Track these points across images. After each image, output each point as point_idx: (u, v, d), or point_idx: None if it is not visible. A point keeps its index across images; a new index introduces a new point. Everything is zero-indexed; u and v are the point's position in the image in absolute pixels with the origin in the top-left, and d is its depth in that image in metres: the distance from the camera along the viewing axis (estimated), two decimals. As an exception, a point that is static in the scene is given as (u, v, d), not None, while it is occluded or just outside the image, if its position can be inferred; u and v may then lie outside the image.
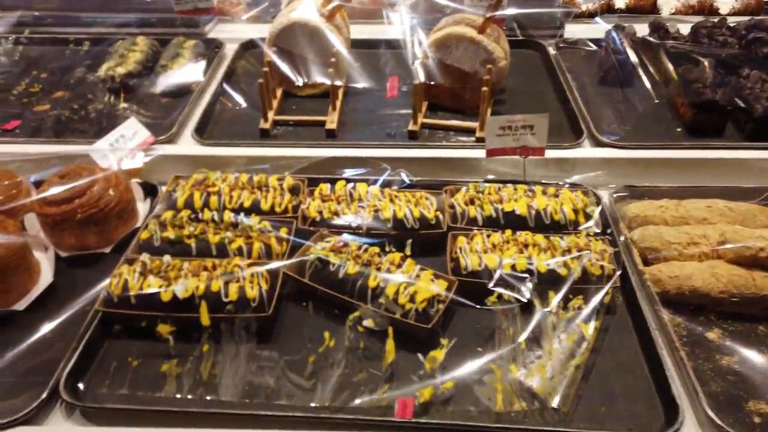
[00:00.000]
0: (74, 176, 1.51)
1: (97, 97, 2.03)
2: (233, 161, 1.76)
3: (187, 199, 1.55)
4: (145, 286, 1.26)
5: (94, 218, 1.48)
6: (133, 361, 1.21)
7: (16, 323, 1.32)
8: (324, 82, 2.01)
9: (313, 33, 1.98)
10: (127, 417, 1.12)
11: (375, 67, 2.25)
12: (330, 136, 1.88)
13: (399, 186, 1.65)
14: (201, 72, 2.16)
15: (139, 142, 1.74)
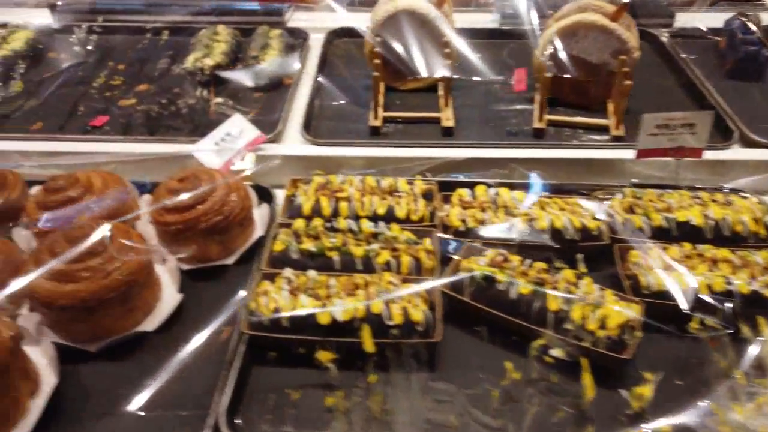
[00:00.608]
0: (193, 180, 1.36)
1: (186, 91, 1.88)
2: (348, 162, 1.61)
3: (314, 205, 1.41)
4: (298, 306, 1.12)
5: (218, 227, 1.33)
6: (292, 393, 1.08)
7: (147, 346, 1.19)
8: (431, 76, 1.85)
9: (422, 21, 1.83)
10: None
11: (483, 58, 2.07)
12: (447, 134, 1.73)
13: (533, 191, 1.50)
14: (292, 64, 2.01)
15: (248, 141, 1.60)
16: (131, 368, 1.14)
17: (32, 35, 2.09)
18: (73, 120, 1.78)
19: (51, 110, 1.81)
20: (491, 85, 1.98)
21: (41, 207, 1.35)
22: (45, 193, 1.37)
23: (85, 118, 1.78)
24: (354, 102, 1.89)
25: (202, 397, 1.07)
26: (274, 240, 1.33)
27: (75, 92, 1.91)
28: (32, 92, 1.89)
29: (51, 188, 1.36)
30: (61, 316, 1.13)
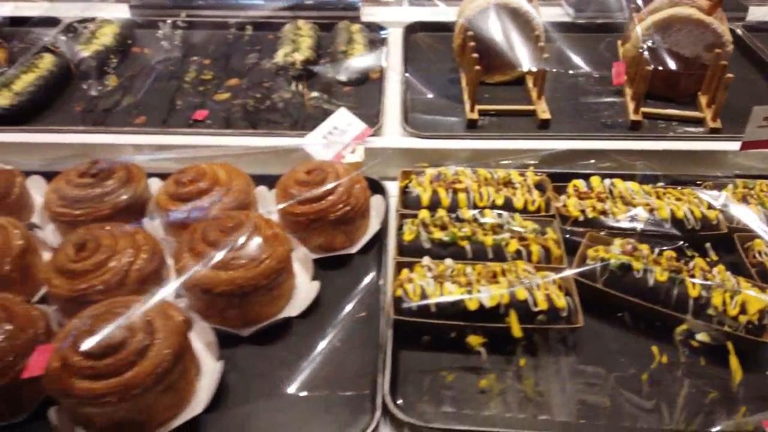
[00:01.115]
0: (320, 172, 1.41)
1: (279, 85, 1.92)
2: (451, 155, 1.65)
3: (432, 197, 1.45)
4: (445, 293, 1.16)
5: (345, 217, 1.38)
6: (446, 375, 1.12)
7: (293, 330, 1.24)
8: (527, 69, 1.88)
9: (515, 15, 1.86)
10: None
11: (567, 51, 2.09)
12: (543, 126, 1.76)
13: (640, 181, 1.54)
14: (378, 58, 2.05)
15: (355, 134, 1.64)
16: (282, 352, 1.20)
17: (119, 30, 2.13)
18: (174, 114, 1.81)
19: (151, 104, 1.85)
20: (577, 78, 2.01)
21: (173, 198, 1.40)
22: (176, 185, 1.41)
23: (185, 112, 1.82)
24: (443, 95, 1.92)
25: (359, 379, 1.13)
26: (401, 230, 1.37)
27: (169, 87, 1.94)
28: (127, 87, 1.93)
29: (181, 180, 1.41)
30: (217, 302, 1.18)
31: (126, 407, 0.97)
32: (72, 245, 1.21)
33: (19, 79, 1.78)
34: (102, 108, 1.83)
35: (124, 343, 0.98)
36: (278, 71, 1.96)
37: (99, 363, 0.96)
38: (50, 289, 1.19)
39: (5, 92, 1.72)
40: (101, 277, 1.18)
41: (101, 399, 0.95)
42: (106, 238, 1.23)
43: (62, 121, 1.77)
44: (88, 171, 1.40)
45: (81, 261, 1.19)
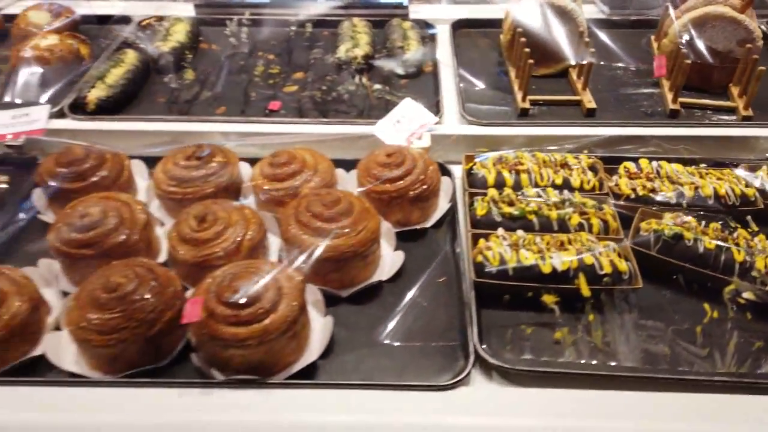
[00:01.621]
0: (399, 155, 1.58)
1: (342, 79, 2.09)
2: (507, 140, 1.81)
3: (497, 177, 1.62)
4: (522, 259, 1.34)
5: (422, 195, 1.55)
6: (525, 328, 1.30)
7: (384, 292, 1.41)
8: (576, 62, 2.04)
9: (561, 12, 2.02)
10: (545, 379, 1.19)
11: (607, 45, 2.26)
12: (590, 115, 1.92)
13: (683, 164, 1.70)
14: (429, 53, 2.21)
15: (421, 122, 1.81)
16: (377, 310, 1.37)
17: (189, 27, 2.30)
18: (250, 105, 1.99)
19: (227, 96, 2.02)
20: (615, 71, 2.17)
21: (270, 179, 1.57)
22: (271, 167, 1.58)
23: (259, 103, 2.00)
24: (493, 87, 2.09)
25: (448, 332, 1.30)
26: (472, 206, 1.54)
27: (241, 80, 2.11)
28: (203, 80, 2.11)
29: (276, 163, 1.58)
30: (321, 267, 1.35)
31: (262, 350, 1.15)
32: (193, 218, 1.39)
33: (110, 73, 1.96)
34: (184, 99, 2.00)
35: (259, 297, 1.16)
36: (341, 65, 2.13)
37: (241, 312, 1.14)
38: (176, 255, 1.37)
39: (101, 85, 1.90)
40: (221, 245, 1.36)
41: (244, 342, 1.13)
42: (221, 212, 1.41)
43: (149, 111, 1.94)
44: (194, 154, 1.57)
45: (202, 231, 1.37)
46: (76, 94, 1.89)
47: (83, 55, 2.14)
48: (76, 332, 1.16)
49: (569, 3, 2.02)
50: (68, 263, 1.37)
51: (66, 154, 1.55)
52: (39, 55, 2.01)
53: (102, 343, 1.15)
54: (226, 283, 1.18)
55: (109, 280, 1.18)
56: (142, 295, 1.18)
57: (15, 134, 1.76)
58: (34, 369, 1.23)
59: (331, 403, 1.16)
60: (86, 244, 1.33)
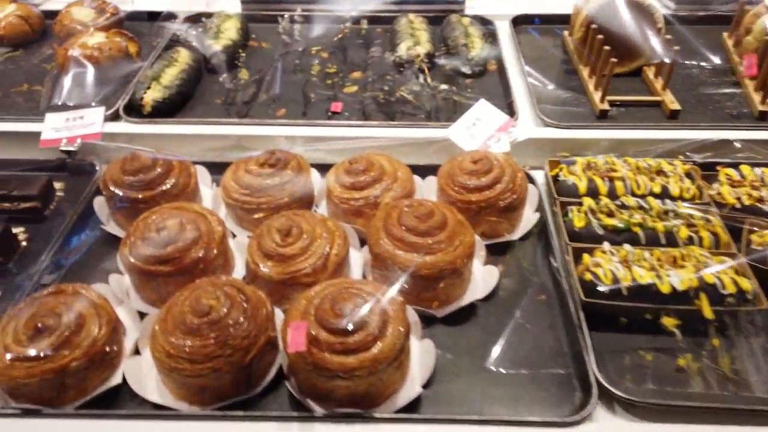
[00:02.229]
0: (486, 162, 1.47)
1: (405, 78, 1.98)
2: (592, 144, 1.70)
3: (588, 185, 1.51)
4: (636, 277, 1.23)
5: (513, 205, 1.44)
6: (645, 354, 1.19)
7: (481, 313, 1.31)
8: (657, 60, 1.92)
9: (638, 8, 1.90)
10: (675, 414, 1.09)
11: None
12: (673, 117, 1.81)
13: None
14: (493, 50, 2.10)
15: (498, 124, 1.70)
16: (475, 332, 1.27)
17: (240, 24, 2.20)
18: (311, 106, 1.88)
19: (286, 97, 1.91)
20: (690, 70, 2.05)
21: (347, 187, 1.47)
22: (348, 174, 1.48)
23: (320, 105, 1.89)
24: (563, 86, 1.97)
25: (559, 358, 1.20)
26: (566, 216, 1.43)
27: (298, 80, 2.01)
28: (259, 80, 2.00)
29: (353, 170, 1.48)
30: (418, 285, 1.25)
31: (369, 380, 1.05)
32: (276, 231, 1.29)
33: (165, 73, 1.85)
34: (241, 101, 1.90)
35: (367, 322, 1.06)
36: (402, 64, 2.02)
37: (348, 339, 1.04)
38: (258, 272, 1.27)
39: (156, 86, 1.80)
40: (308, 260, 1.26)
41: (353, 373, 1.03)
42: (306, 225, 1.31)
43: (206, 113, 1.84)
44: (267, 161, 1.48)
45: (287, 246, 1.27)
46: (131, 96, 1.80)
47: (132, 53, 2.04)
48: (163, 361, 1.06)
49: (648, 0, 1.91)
50: (143, 280, 1.27)
51: (133, 161, 1.45)
52: (88, 54, 1.91)
53: (194, 373, 1.05)
54: (327, 306, 1.08)
55: (199, 303, 1.08)
56: (235, 319, 1.08)
57: (70, 138, 1.66)
58: (114, 397, 1.14)
59: (443, 440, 1.06)
60: (164, 261, 1.24)
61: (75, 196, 1.59)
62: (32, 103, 1.88)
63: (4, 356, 1.06)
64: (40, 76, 2.03)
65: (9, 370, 1.05)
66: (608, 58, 1.78)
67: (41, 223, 1.53)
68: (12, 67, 2.09)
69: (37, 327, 1.07)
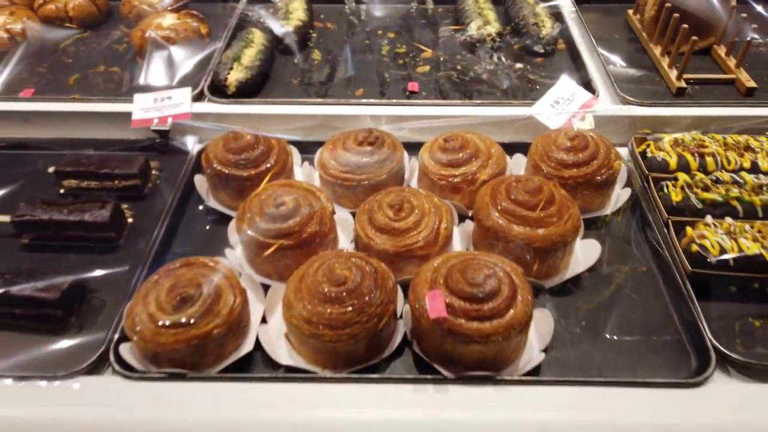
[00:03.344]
0: (582, 139, 1.50)
1: (478, 57, 2.01)
2: (672, 122, 1.72)
3: (679, 161, 1.54)
4: (743, 248, 1.27)
5: (609, 180, 1.48)
6: (754, 321, 1.24)
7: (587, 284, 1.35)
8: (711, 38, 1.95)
9: (712, -14, 1.92)
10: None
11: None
12: (749, 94, 1.83)
13: None
14: (563, 29, 2.12)
15: (581, 102, 1.72)
16: (584, 302, 1.31)
17: (306, 5, 2.21)
18: (388, 86, 1.91)
19: (361, 77, 1.94)
20: (758, 48, 2.07)
21: (443, 165, 1.50)
22: (444, 152, 1.51)
23: (396, 84, 1.92)
24: (635, 65, 1.99)
25: (669, 325, 1.25)
26: (662, 191, 1.47)
27: (370, 60, 2.04)
28: (332, 61, 2.03)
29: (450, 148, 1.51)
30: (527, 256, 1.29)
31: (500, 346, 1.10)
32: (388, 206, 1.33)
33: (244, 54, 1.87)
34: (318, 81, 1.93)
35: (499, 289, 1.10)
36: (474, 44, 2.04)
37: (483, 306, 1.08)
38: (371, 245, 1.30)
39: (238, 66, 1.82)
40: (421, 234, 1.30)
41: (488, 338, 1.07)
42: (415, 200, 1.35)
43: (286, 93, 1.87)
44: (366, 139, 1.51)
45: (401, 220, 1.31)
46: (214, 76, 1.82)
47: (203, 34, 2.06)
48: (303, 327, 1.11)
49: (721, -24, 1.91)
50: (260, 253, 1.31)
51: (237, 140, 1.48)
52: (165, 36, 1.93)
53: (333, 338, 1.09)
54: (457, 276, 1.12)
55: (334, 273, 1.13)
56: (369, 288, 1.12)
57: (161, 119, 1.69)
58: (247, 362, 1.19)
59: (570, 402, 1.10)
60: (285, 234, 1.27)
61: (170, 173, 1.63)
62: (111, 84, 1.91)
63: (151, 324, 1.11)
64: (114, 57, 2.05)
65: (157, 336, 1.10)
66: (688, 35, 1.80)
67: (141, 200, 1.57)
68: (83, 48, 2.12)
69: (182, 297, 1.12)
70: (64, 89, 1.87)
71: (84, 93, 1.86)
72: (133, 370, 1.14)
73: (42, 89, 1.87)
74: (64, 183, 1.58)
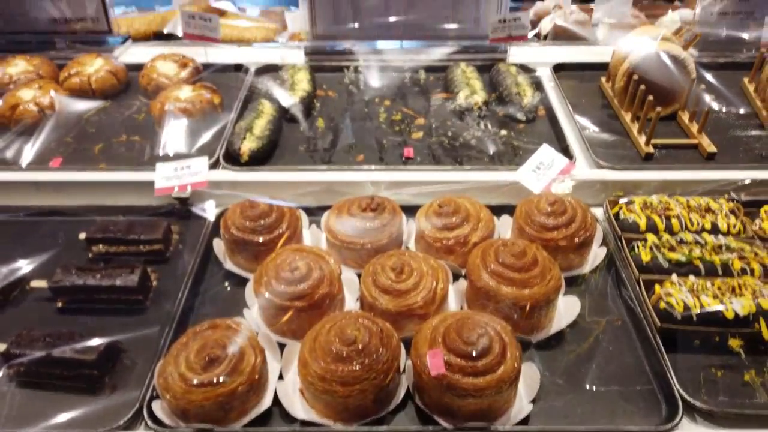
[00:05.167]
0: (561, 204, 1.68)
1: (466, 124, 2.20)
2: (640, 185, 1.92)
3: (648, 222, 1.73)
4: (705, 305, 1.44)
5: (586, 241, 1.66)
6: (716, 371, 1.40)
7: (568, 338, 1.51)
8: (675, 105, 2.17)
9: (674, 60, 2.13)
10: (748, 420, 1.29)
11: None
12: (710, 158, 2.03)
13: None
14: (541, 97, 2.33)
15: (560, 167, 1.91)
16: (566, 355, 1.47)
17: (310, 76, 2.42)
18: (386, 152, 2.10)
19: (362, 144, 2.13)
20: (718, 114, 2.29)
21: (438, 228, 1.67)
22: (438, 216, 1.69)
23: (393, 150, 2.11)
24: (606, 130, 2.20)
25: (640, 375, 1.40)
26: (633, 251, 1.64)
27: (369, 127, 2.23)
28: (335, 128, 2.22)
29: (444, 212, 1.69)
30: (514, 314, 1.45)
31: (493, 398, 1.24)
32: (390, 269, 1.49)
33: (255, 124, 2.07)
34: (322, 147, 2.11)
35: (490, 347, 1.25)
36: (463, 112, 2.25)
37: (477, 363, 1.23)
38: (375, 304, 1.46)
39: (250, 136, 2.01)
40: (420, 294, 1.46)
41: (483, 392, 1.22)
42: (414, 263, 1.51)
43: (294, 161, 2.05)
44: (369, 206, 1.68)
45: (402, 282, 1.47)
46: (228, 146, 2.01)
47: (217, 104, 2.26)
48: (317, 384, 1.25)
49: (681, 51, 2.14)
50: (277, 314, 1.46)
51: (252, 208, 1.65)
52: (183, 107, 2.12)
53: (345, 394, 1.24)
54: (454, 335, 1.28)
55: (344, 333, 1.28)
56: (376, 346, 1.28)
57: (181, 186, 1.86)
58: (266, 416, 1.33)
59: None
60: (299, 297, 1.43)
61: (190, 238, 1.80)
62: (134, 152, 2.09)
63: (182, 383, 1.25)
64: (134, 126, 2.24)
65: (188, 394, 1.24)
66: (652, 106, 2.02)
67: (165, 263, 1.73)
68: (105, 118, 2.30)
69: (210, 357, 1.26)
70: (90, 158, 2.05)
71: (109, 162, 2.04)
72: (165, 426, 1.27)
73: (70, 158, 2.05)
74: (93, 248, 1.73)
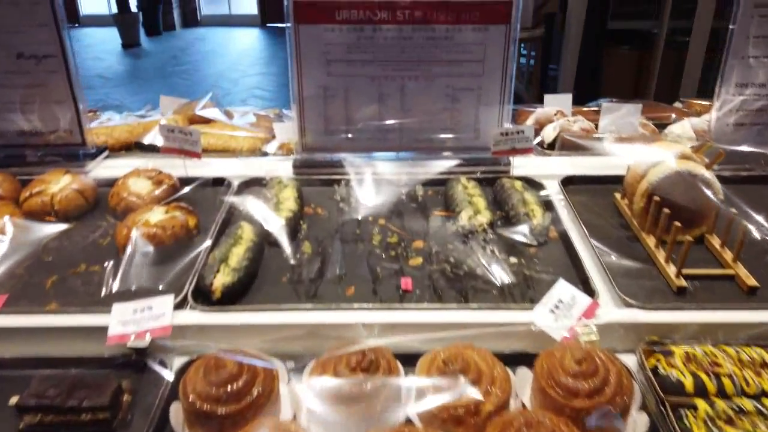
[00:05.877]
0: (591, 362, 1.40)
1: (470, 249, 1.97)
2: (677, 328, 1.66)
3: (695, 382, 1.44)
4: None
5: (624, 409, 1.36)
6: None
7: None
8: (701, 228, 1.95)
9: (698, 179, 1.95)
10: None
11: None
12: (751, 293, 1.78)
13: None
14: (552, 217, 2.12)
15: (583, 307, 1.65)
16: None
17: (297, 193, 2.21)
18: (380, 283, 1.84)
19: (352, 273, 1.88)
20: (750, 235, 2.06)
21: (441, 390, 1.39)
22: (441, 375, 1.40)
23: (389, 281, 1.85)
24: (627, 256, 1.95)
25: None
26: (680, 421, 1.35)
27: (361, 251, 1.99)
28: (322, 253, 1.97)
29: (447, 372, 1.40)
30: None
31: None
32: (385, 460, 1.19)
33: (232, 253, 1.81)
34: (307, 278, 1.86)
35: None
36: (466, 234, 2.02)
37: None
38: None
39: (225, 269, 1.75)
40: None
41: None
42: None
43: (275, 295, 1.78)
44: (360, 365, 1.40)
45: (400, 479, 1.17)
46: (199, 281, 1.75)
47: (191, 228, 2.03)
48: None
49: (704, 170, 1.96)
50: None
51: (218, 371, 1.35)
52: (152, 234, 1.88)
53: None
54: None
55: None
56: None
57: (139, 334, 1.58)
58: None
59: None
60: (268, 504, 1.12)
61: (145, 400, 1.48)
62: (91, 287, 1.81)
63: None
64: (97, 254, 1.98)
65: None
66: (677, 232, 1.80)
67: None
68: (67, 244, 2.06)
69: None
70: (40, 295, 1.78)
71: (61, 299, 1.76)
72: None
73: (17, 295, 1.77)
74: (26, 418, 1.42)
